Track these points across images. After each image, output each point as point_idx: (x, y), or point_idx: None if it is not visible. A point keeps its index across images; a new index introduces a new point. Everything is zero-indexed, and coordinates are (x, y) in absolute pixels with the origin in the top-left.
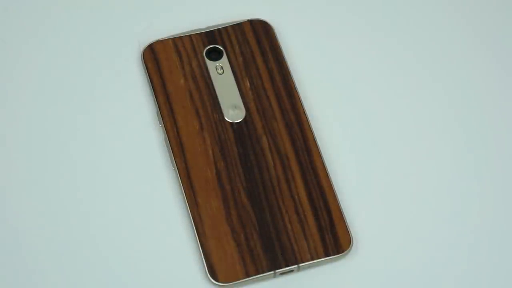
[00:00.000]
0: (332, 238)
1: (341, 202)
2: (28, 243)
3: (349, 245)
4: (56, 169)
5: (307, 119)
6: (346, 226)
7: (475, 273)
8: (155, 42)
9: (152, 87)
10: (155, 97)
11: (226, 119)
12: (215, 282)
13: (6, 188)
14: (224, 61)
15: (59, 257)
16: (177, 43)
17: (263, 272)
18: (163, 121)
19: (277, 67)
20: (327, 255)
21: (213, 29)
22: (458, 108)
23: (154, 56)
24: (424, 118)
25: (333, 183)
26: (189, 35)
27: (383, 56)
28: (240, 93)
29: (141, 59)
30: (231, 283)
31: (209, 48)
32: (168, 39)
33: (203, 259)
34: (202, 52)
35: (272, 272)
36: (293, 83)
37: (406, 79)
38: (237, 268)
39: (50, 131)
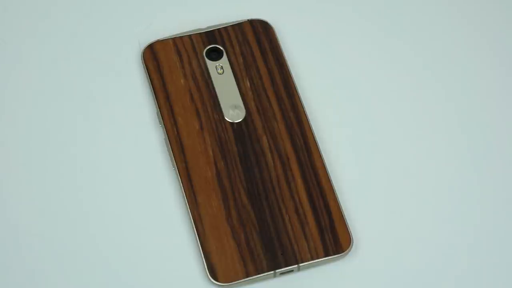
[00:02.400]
0: (332, 238)
1: (341, 202)
2: (29, 243)
3: (349, 245)
4: (56, 169)
5: (307, 119)
6: (346, 226)
7: (475, 273)
8: (155, 42)
9: (152, 87)
10: (155, 97)
11: (226, 119)
12: (215, 282)
13: (7, 189)
14: (224, 61)
15: (59, 256)
16: (177, 43)
17: (263, 272)
18: (163, 121)
19: (277, 67)
20: (327, 255)
21: (213, 29)
22: (458, 109)
23: (154, 56)
24: (425, 118)
25: (333, 183)
26: (189, 35)
27: (384, 56)
28: (240, 93)
29: (141, 59)
30: (231, 283)
31: (209, 48)
32: (168, 39)
33: (203, 259)
34: (202, 52)
35: (272, 272)
36: (293, 83)
37: (406, 79)
38: (237, 268)
39: (50, 131)
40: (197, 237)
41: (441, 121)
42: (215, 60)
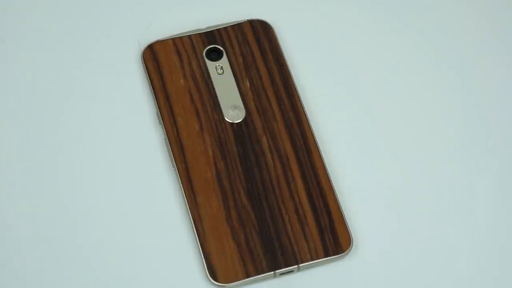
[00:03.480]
0: (332, 238)
1: (341, 202)
2: (28, 244)
3: (349, 245)
4: (56, 169)
5: (307, 119)
6: (346, 226)
7: (475, 273)
8: (155, 42)
9: (152, 87)
10: (155, 97)
11: (226, 119)
12: (215, 282)
13: (6, 189)
14: (224, 61)
15: (59, 256)
16: (177, 43)
17: (263, 273)
18: (163, 121)
19: (277, 67)
20: (327, 255)
21: (213, 29)
22: (460, 109)
23: (154, 56)
24: (425, 118)
25: (333, 183)
26: (189, 35)
27: (384, 55)
28: (240, 93)
29: (141, 59)
30: (231, 284)
31: (209, 48)
32: (168, 39)
33: (203, 260)
34: (202, 52)
35: (272, 272)
36: (293, 83)
37: (407, 79)
38: (237, 269)
39: (50, 131)
40: (197, 238)
41: (442, 121)
42: (215, 61)
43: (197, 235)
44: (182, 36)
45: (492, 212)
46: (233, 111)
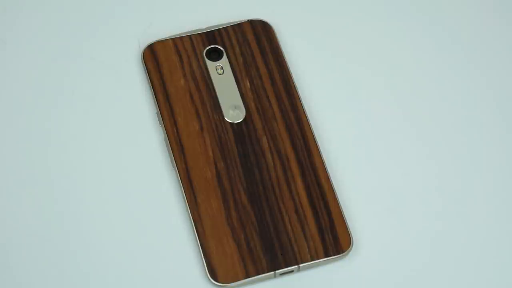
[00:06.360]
0: (332, 238)
1: (341, 202)
2: (28, 244)
3: (349, 245)
4: (56, 169)
5: (307, 119)
6: (346, 227)
7: (476, 273)
8: (155, 42)
9: (152, 87)
10: (155, 97)
11: (226, 119)
12: (215, 282)
13: (7, 189)
14: (224, 61)
15: (58, 257)
16: (177, 43)
17: (263, 273)
18: (163, 121)
19: (277, 67)
20: (327, 255)
21: (213, 29)
22: (459, 110)
23: (154, 56)
24: (425, 118)
25: (333, 183)
26: (189, 35)
27: (383, 56)
28: (240, 93)
29: (141, 59)
30: (231, 284)
31: (209, 48)
32: (168, 39)
33: (203, 260)
34: (202, 52)
35: (272, 272)
36: (293, 83)
37: (406, 79)
38: (237, 269)
39: (49, 131)
40: (197, 238)
41: (441, 122)
42: (215, 61)
43: (197, 235)
44: (182, 36)
45: (493, 212)
46: (233, 111)
